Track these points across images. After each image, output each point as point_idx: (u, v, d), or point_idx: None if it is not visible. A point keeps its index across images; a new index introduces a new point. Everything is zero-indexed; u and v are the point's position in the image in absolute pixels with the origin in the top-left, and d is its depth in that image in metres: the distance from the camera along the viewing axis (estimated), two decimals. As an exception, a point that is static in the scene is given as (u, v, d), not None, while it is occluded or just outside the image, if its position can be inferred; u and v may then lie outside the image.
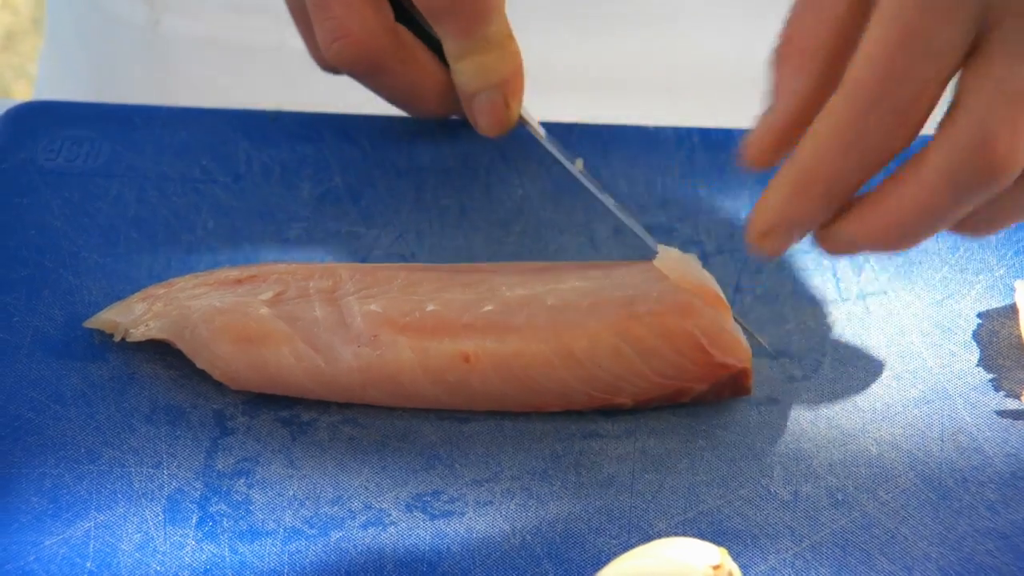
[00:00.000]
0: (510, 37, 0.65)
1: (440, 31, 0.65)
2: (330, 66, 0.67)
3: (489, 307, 0.60)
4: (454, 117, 0.70)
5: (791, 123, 0.54)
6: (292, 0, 0.67)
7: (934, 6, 0.50)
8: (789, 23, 0.54)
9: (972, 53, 0.51)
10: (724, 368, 0.59)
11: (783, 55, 0.54)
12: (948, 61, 0.51)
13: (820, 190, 0.53)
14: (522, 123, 0.67)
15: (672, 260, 0.61)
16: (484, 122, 0.66)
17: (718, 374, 0.59)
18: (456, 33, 0.65)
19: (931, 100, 0.51)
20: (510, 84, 0.65)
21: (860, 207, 0.53)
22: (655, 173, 0.70)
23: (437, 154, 0.71)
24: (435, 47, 0.66)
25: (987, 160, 0.51)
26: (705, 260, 0.66)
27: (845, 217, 0.54)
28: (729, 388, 0.59)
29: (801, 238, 0.55)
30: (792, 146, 0.54)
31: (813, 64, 0.53)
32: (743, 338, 0.59)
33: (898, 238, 0.53)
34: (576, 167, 0.67)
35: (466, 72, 0.65)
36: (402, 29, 0.66)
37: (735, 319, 0.60)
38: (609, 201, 0.66)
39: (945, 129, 0.51)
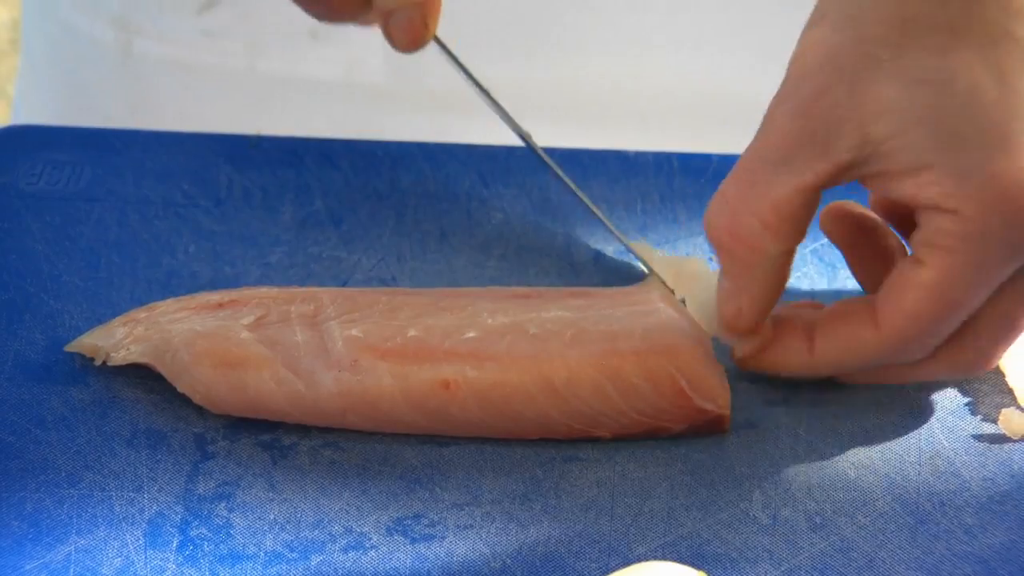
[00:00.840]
0: None
1: None
2: None
3: (471, 334, 0.60)
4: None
5: (762, 308, 0.59)
6: None
7: (985, 280, 0.55)
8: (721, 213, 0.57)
9: None
10: (703, 412, 0.59)
11: (727, 245, 0.57)
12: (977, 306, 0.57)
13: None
14: (436, 42, 0.66)
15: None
16: (400, 38, 0.65)
17: (696, 417, 0.59)
18: None
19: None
20: (429, 3, 0.64)
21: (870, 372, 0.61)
22: (634, 197, 0.71)
23: (418, 178, 0.71)
24: None
25: (979, 371, 0.60)
26: (684, 284, 0.66)
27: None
28: (706, 428, 0.60)
29: None
30: (764, 317, 0.60)
31: (763, 261, 0.57)
32: (724, 385, 0.60)
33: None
34: (484, 91, 0.66)
35: None
36: None
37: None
38: (529, 138, 0.66)
39: (952, 348, 0.58)
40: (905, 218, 0.59)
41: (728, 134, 0.80)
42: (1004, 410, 0.61)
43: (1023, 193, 0.53)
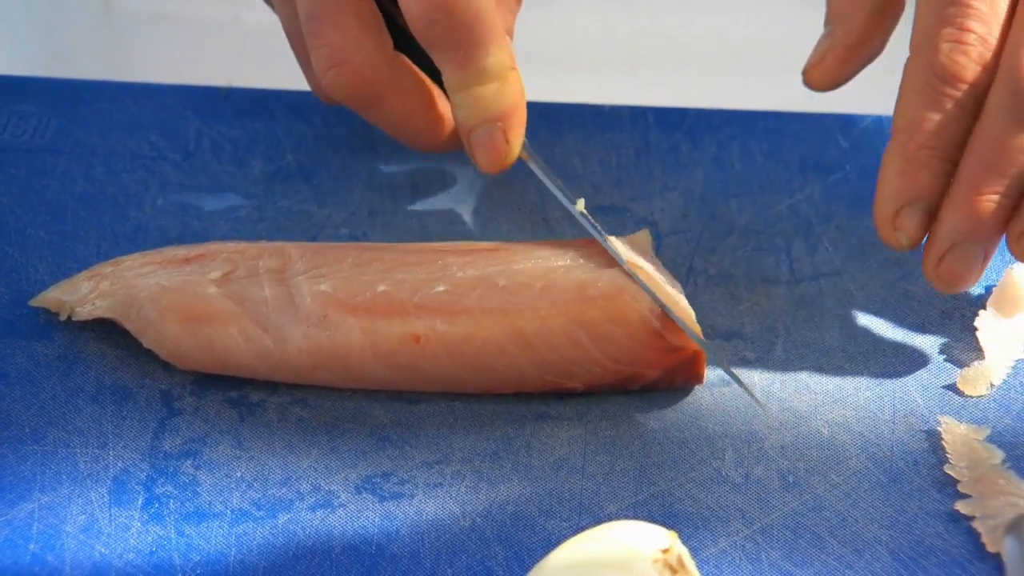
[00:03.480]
0: (512, 69, 0.61)
1: (437, 60, 0.60)
2: (328, 96, 0.63)
3: (441, 288, 0.59)
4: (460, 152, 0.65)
5: (852, 48, 0.62)
6: (289, 27, 0.64)
7: None
8: None
9: None
10: (677, 353, 0.58)
11: None
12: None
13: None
14: (523, 160, 0.63)
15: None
16: (482, 158, 0.62)
17: (671, 359, 0.58)
18: (453, 63, 0.60)
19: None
20: (510, 119, 0.61)
21: None
22: (609, 152, 0.70)
23: (390, 132, 0.70)
24: (438, 77, 0.62)
25: None
26: (659, 240, 0.66)
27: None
28: (681, 375, 0.59)
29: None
30: (852, 68, 0.63)
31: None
32: (695, 324, 0.59)
33: None
34: (577, 208, 0.62)
35: (464, 105, 0.61)
36: (402, 58, 0.62)
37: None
38: (614, 247, 0.61)
39: None
40: None
41: (706, 89, 0.80)
42: (962, 371, 0.60)
43: None
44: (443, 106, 0.63)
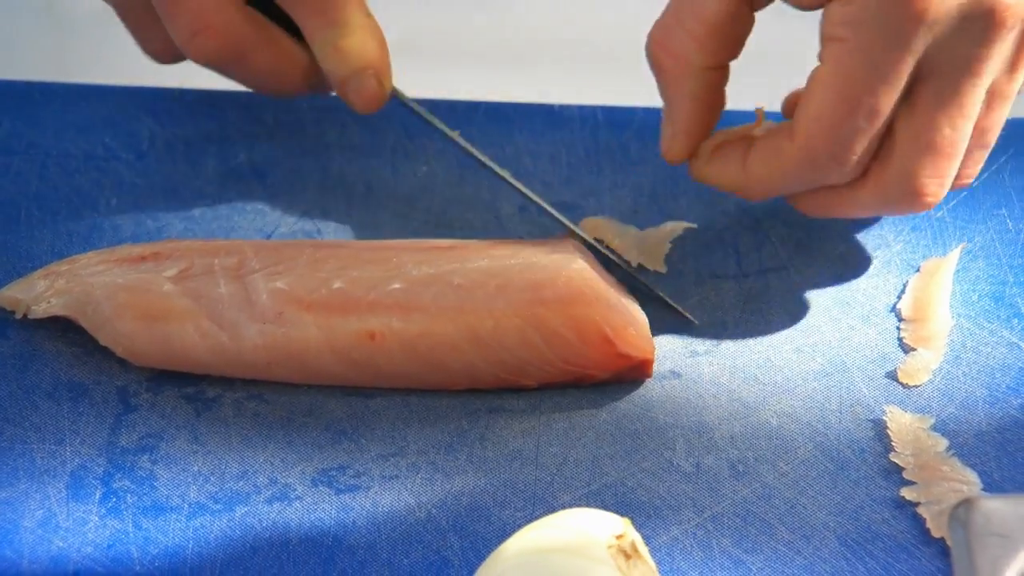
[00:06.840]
0: (368, 16, 0.64)
1: (298, 18, 0.64)
2: (172, 60, 0.65)
3: (395, 285, 0.60)
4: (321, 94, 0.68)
5: (693, 129, 0.62)
6: (125, 4, 0.65)
7: (877, 71, 0.55)
8: (659, 27, 0.59)
9: (902, 101, 0.57)
10: (627, 359, 0.59)
11: (659, 59, 0.60)
12: (885, 114, 0.57)
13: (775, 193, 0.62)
14: (394, 95, 0.66)
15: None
16: (359, 104, 0.65)
17: (621, 364, 0.59)
18: (313, 20, 0.63)
19: (871, 146, 0.58)
20: (377, 64, 0.64)
21: (810, 197, 0.62)
22: (559, 150, 0.71)
23: (343, 131, 0.71)
24: (291, 26, 0.65)
25: (912, 201, 0.59)
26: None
27: (797, 198, 0.63)
28: (630, 374, 0.60)
29: None
30: (699, 141, 0.62)
31: (691, 75, 0.60)
32: (647, 331, 0.60)
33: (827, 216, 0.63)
34: (454, 135, 0.67)
35: (330, 59, 0.64)
36: (257, 14, 0.64)
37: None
38: (505, 173, 0.66)
39: (877, 171, 0.59)
40: None
41: (653, 86, 0.80)
42: (900, 365, 0.62)
43: None
44: (301, 56, 0.65)
